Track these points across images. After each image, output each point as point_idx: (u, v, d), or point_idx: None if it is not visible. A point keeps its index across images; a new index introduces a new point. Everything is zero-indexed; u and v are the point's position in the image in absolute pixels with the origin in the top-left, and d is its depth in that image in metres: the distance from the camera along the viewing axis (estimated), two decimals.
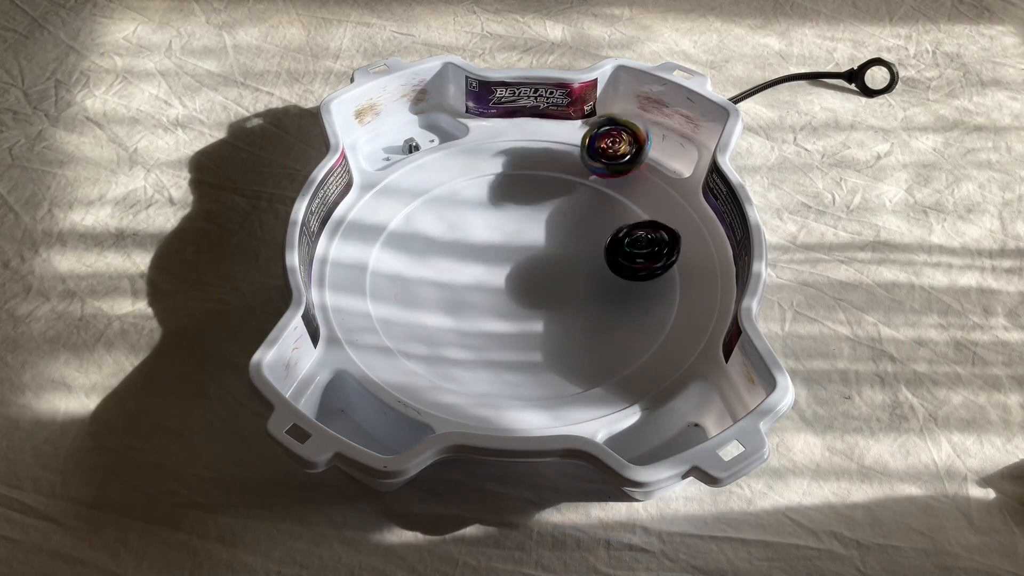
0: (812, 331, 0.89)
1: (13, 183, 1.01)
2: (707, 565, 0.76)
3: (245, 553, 0.76)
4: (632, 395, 0.80)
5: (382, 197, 0.95)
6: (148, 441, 0.82)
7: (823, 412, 0.84)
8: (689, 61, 1.13)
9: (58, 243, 0.96)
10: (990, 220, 0.98)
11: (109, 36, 1.16)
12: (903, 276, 0.94)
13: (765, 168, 1.03)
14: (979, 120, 1.08)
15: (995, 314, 0.91)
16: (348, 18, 1.19)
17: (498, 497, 0.79)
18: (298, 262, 0.83)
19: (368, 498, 0.79)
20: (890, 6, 1.21)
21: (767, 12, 1.20)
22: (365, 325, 0.85)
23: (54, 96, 1.09)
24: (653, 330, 0.85)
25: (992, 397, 0.85)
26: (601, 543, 0.77)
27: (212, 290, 0.92)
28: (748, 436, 0.72)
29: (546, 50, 1.16)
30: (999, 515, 0.78)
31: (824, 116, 1.08)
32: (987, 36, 1.17)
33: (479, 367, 0.83)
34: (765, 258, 0.84)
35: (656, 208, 0.94)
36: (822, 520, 0.78)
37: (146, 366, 0.87)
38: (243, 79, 1.11)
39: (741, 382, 0.79)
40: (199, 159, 1.03)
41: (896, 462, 0.81)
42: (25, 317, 0.90)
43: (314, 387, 0.81)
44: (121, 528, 0.77)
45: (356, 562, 0.76)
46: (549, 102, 1.00)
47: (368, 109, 0.99)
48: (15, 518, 0.78)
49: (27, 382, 0.86)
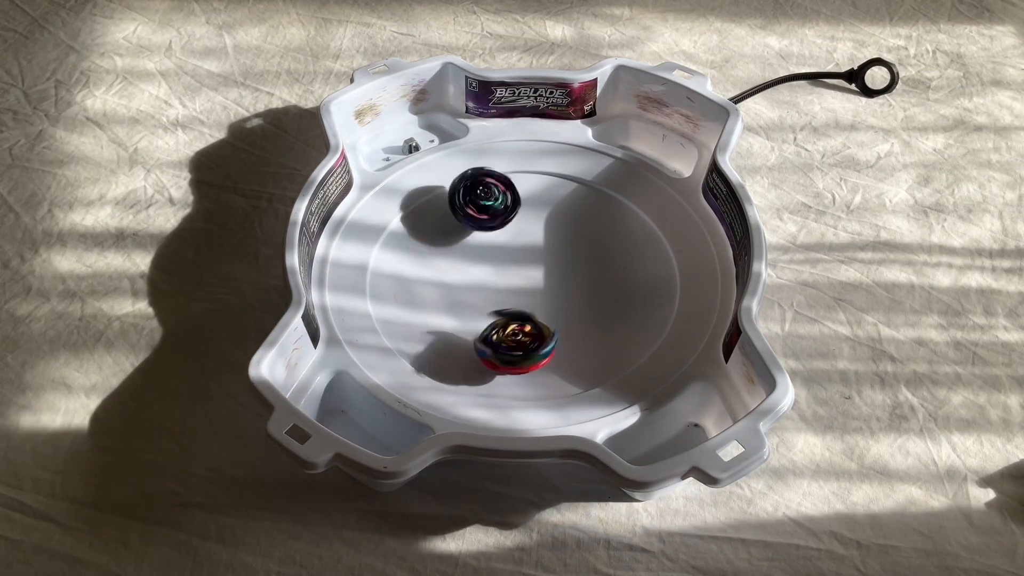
0: (812, 331, 0.89)
1: (13, 183, 1.01)
2: (707, 565, 0.76)
3: (245, 553, 0.76)
4: (632, 395, 0.80)
5: (382, 197, 0.95)
6: (148, 441, 0.82)
7: (823, 412, 0.84)
8: (689, 61, 1.13)
9: (58, 243, 0.96)
10: (990, 220, 0.98)
11: (109, 36, 1.16)
12: (903, 276, 0.94)
13: (765, 168, 1.03)
14: (979, 120, 1.08)
15: (995, 314, 0.91)
16: (348, 18, 1.19)
17: (498, 497, 0.79)
18: (298, 262, 0.83)
19: (368, 498, 0.79)
20: (890, 6, 1.21)
21: (767, 12, 1.20)
22: (365, 325, 0.85)
23: (54, 96, 1.09)
24: (653, 330, 0.85)
25: (992, 397, 0.85)
26: (601, 543, 0.77)
27: (212, 290, 0.92)
28: (748, 436, 0.72)
29: (546, 50, 1.16)
30: (999, 515, 0.78)
31: (824, 116, 1.08)
32: (987, 36, 1.17)
33: (479, 367, 0.83)
34: (765, 258, 0.84)
35: (656, 208, 0.94)
36: (822, 520, 0.78)
37: (146, 366, 0.87)
38: (243, 79, 1.11)
39: (741, 382, 0.79)
40: (199, 159, 1.03)
41: (896, 462, 0.81)
42: (25, 317, 0.90)
43: (314, 388, 0.81)
44: (121, 528, 0.77)
45: (356, 562, 0.76)
46: (549, 102, 1.00)
47: (368, 109, 0.99)
48: (15, 518, 0.78)
49: (27, 382, 0.86)
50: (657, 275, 0.89)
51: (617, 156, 0.98)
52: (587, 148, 0.99)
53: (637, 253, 0.91)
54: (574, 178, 0.97)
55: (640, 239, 0.92)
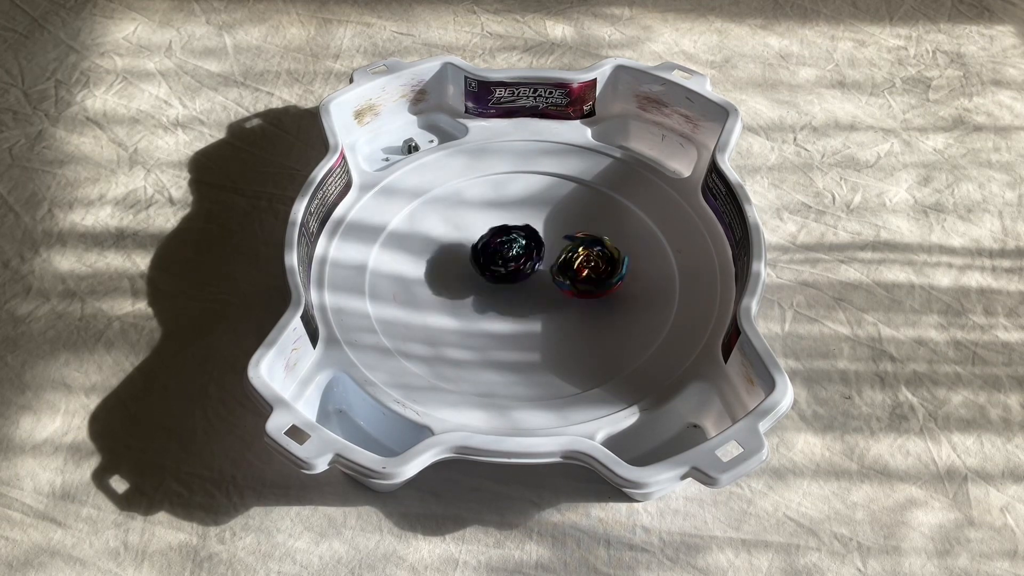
0: (812, 331, 0.89)
1: (13, 183, 1.01)
2: (707, 565, 0.76)
3: (245, 553, 0.76)
4: (631, 395, 0.80)
5: (381, 197, 0.95)
6: (148, 441, 0.82)
7: (823, 412, 0.84)
8: (689, 61, 1.13)
9: (58, 243, 0.96)
10: (990, 220, 0.98)
11: (109, 36, 1.16)
12: (903, 276, 0.94)
13: (765, 168, 1.02)
14: (979, 120, 1.08)
15: (995, 314, 0.91)
16: (348, 18, 1.19)
17: (498, 497, 0.79)
18: (297, 262, 0.83)
19: (368, 498, 0.79)
20: (890, 6, 1.21)
21: (768, 12, 1.20)
22: (364, 325, 0.85)
23: (54, 96, 1.09)
24: (652, 330, 0.85)
25: (992, 397, 0.85)
26: (601, 543, 0.77)
27: (212, 290, 0.92)
28: (747, 437, 0.72)
29: (546, 50, 1.16)
30: (999, 515, 0.78)
31: (824, 116, 1.08)
32: (987, 36, 1.17)
33: (478, 367, 0.83)
34: (764, 258, 0.84)
35: (655, 208, 0.94)
36: (822, 520, 0.78)
37: (146, 366, 0.87)
38: (243, 79, 1.11)
39: (740, 383, 0.79)
40: (199, 159, 1.03)
41: (896, 462, 0.81)
42: (25, 317, 0.90)
43: (313, 388, 0.81)
44: (121, 528, 0.77)
45: (356, 562, 0.76)
46: (548, 102, 1.00)
47: (367, 110, 0.99)
48: (15, 518, 0.78)
49: (27, 382, 0.86)
50: (656, 275, 0.89)
51: (616, 156, 0.98)
52: (586, 148, 0.99)
53: (637, 253, 0.91)
54: (573, 178, 0.97)
55: (640, 239, 0.92)
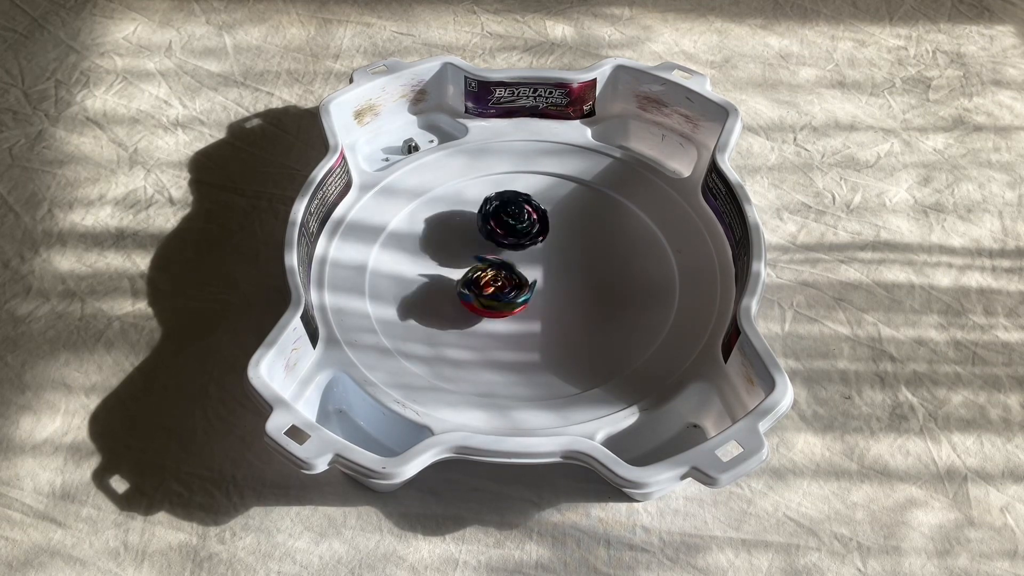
0: (812, 331, 0.89)
1: (13, 183, 1.01)
2: (707, 565, 0.76)
3: (245, 553, 0.76)
4: (631, 395, 0.80)
5: (381, 197, 0.95)
6: (148, 441, 0.82)
7: (823, 412, 0.84)
8: (689, 61, 1.13)
9: (58, 243, 0.96)
10: (990, 220, 0.98)
11: (109, 36, 1.16)
12: (903, 276, 0.93)
13: (765, 168, 1.02)
14: (979, 120, 1.08)
15: (995, 314, 0.91)
16: (348, 18, 1.19)
17: (498, 497, 0.79)
18: (297, 263, 0.83)
19: (368, 498, 0.79)
20: (890, 6, 1.21)
21: (767, 12, 1.20)
22: (364, 325, 0.85)
23: (54, 96, 1.09)
24: (652, 330, 0.85)
25: (992, 397, 0.85)
26: (601, 543, 0.77)
27: (212, 290, 0.92)
28: (747, 437, 0.72)
29: (546, 50, 1.15)
30: (999, 515, 0.78)
31: (824, 116, 1.08)
32: (987, 36, 1.17)
33: (478, 367, 0.83)
34: (764, 258, 0.84)
35: (655, 208, 0.94)
36: (822, 520, 0.78)
37: (146, 366, 0.87)
38: (243, 79, 1.11)
39: (740, 382, 0.79)
40: (199, 159, 1.03)
41: (896, 462, 0.81)
42: (25, 317, 0.90)
43: (313, 388, 0.81)
44: (121, 528, 0.77)
45: (356, 562, 0.76)
46: (548, 102, 1.00)
47: (367, 110, 0.99)
48: (15, 518, 0.78)
49: (27, 382, 0.86)
50: (656, 275, 0.89)
51: (616, 156, 0.98)
52: (586, 148, 0.99)
53: (636, 253, 0.91)
54: (573, 178, 0.97)
55: (639, 239, 0.92)
